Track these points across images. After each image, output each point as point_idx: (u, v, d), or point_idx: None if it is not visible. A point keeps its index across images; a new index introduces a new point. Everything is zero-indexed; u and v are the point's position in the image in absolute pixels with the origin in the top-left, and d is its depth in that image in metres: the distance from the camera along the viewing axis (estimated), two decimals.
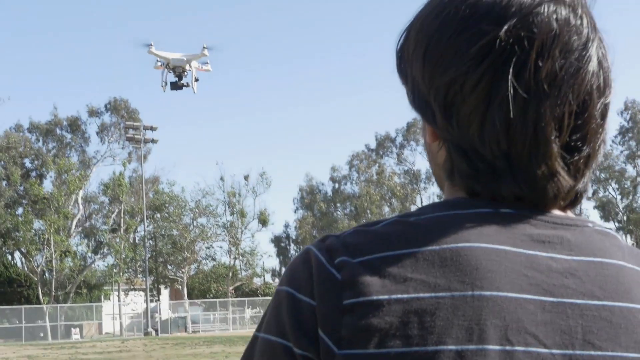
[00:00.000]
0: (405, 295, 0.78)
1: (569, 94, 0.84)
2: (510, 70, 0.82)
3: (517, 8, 0.84)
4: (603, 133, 0.88)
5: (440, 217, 0.84)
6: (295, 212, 67.45)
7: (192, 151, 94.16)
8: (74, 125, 58.15)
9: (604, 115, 0.87)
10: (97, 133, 58.39)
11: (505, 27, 0.83)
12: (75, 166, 52.98)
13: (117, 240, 51.79)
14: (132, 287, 54.76)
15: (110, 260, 52.96)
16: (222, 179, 58.38)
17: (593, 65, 0.86)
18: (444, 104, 0.86)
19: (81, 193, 53.60)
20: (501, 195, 0.85)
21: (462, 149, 0.86)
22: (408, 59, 0.91)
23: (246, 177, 59.10)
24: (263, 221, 57.99)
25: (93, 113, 58.57)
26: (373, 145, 65.29)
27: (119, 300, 53.71)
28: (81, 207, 54.05)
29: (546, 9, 0.84)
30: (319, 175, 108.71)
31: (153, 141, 53.42)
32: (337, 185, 65.88)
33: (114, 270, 51.22)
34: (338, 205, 65.19)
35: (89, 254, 55.07)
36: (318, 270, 0.81)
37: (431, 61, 0.87)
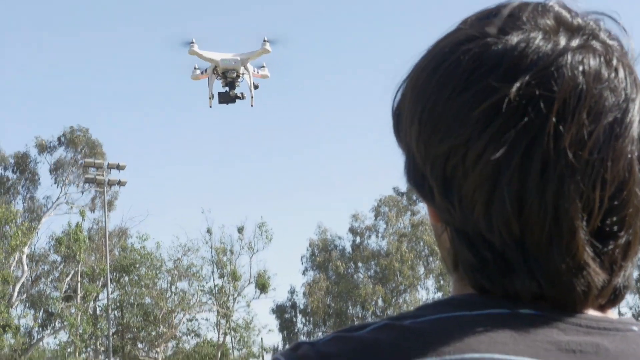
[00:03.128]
0: None
1: (600, 168, 0.84)
2: (550, 133, 0.82)
3: (532, 59, 0.85)
4: None
5: (443, 319, 0.85)
6: (303, 274, 66.54)
7: (171, 196, 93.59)
8: (22, 163, 57.82)
9: None
10: (51, 172, 58.02)
11: (517, 84, 0.84)
12: (18, 215, 52.45)
13: (73, 310, 50.86)
14: None
15: (63, 336, 52.06)
16: (209, 231, 57.56)
17: (634, 130, 0.86)
18: (442, 178, 0.88)
19: (26, 250, 52.94)
20: (516, 293, 0.86)
21: (465, 235, 0.88)
22: (402, 121, 0.94)
23: (240, 230, 58.29)
24: (262, 286, 57.07)
25: (43, 148, 58.25)
26: (403, 187, 64.59)
27: None
28: (26, 268, 53.19)
29: (569, 59, 0.85)
30: (335, 226, 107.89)
31: (120, 183, 52.87)
32: (358, 239, 65.06)
33: (68, 350, 50.18)
34: (360, 265, 64.33)
35: (36, 329, 54.10)
36: None
37: (427, 126, 0.89)
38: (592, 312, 0.88)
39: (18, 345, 49.15)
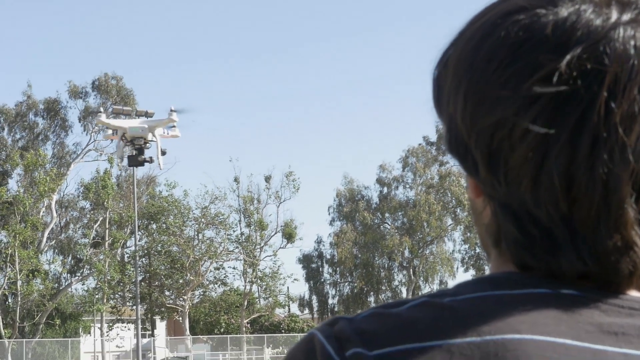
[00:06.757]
0: None
1: None
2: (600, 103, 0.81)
3: (584, 32, 0.82)
4: None
5: (483, 298, 0.83)
6: (330, 224, 66.00)
7: (199, 144, 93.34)
8: (52, 109, 57.43)
9: None
10: (79, 119, 57.66)
11: (568, 57, 0.82)
12: (47, 160, 52.12)
13: (101, 257, 50.70)
14: (118, 317, 53.94)
15: (91, 282, 51.99)
16: (236, 180, 57.16)
17: None
18: (487, 152, 0.86)
19: (55, 197, 52.72)
20: (561, 271, 0.84)
21: (510, 210, 0.86)
22: (445, 91, 0.91)
23: (267, 179, 57.89)
24: (288, 235, 56.72)
25: (75, 94, 57.76)
26: (433, 137, 63.69)
27: (102, 335, 52.80)
28: (55, 214, 53.13)
29: (622, 33, 0.82)
30: (362, 176, 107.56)
31: None
32: (385, 190, 64.34)
33: (96, 296, 50.11)
34: (387, 215, 63.71)
35: (64, 275, 54.31)
36: None
37: (473, 97, 0.86)
38: (634, 293, 0.85)
39: (47, 291, 49.15)
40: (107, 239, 52.10)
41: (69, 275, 54.62)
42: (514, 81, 0.83)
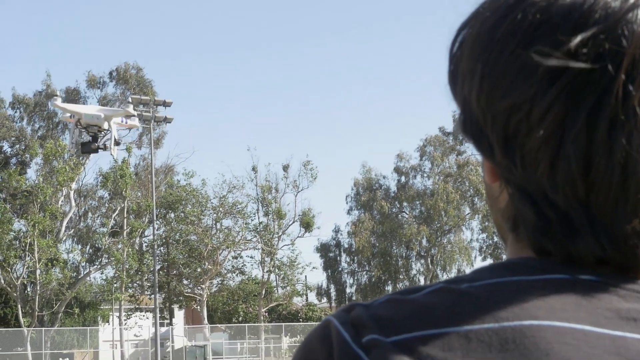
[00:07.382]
0: None
1: None
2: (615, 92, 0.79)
3: (601, 14, 0.81)
4: None
5: (501, 284, 0.82)
6: (348, 213, 65.90)
7: (217, 133, 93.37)
8: (72, 98, 57.55)
9: None
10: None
11: (583, 37, 0.81)
12: (66, 150, 52.21)
13: (119, 246, 50.63)
14: (137, 306, 54.17)
15: (109, 271, 51.99)
16: (254, 169, 56.99)
17: None
18: (503, 135, 0.85)
19: (74, 186, 52.73)
20: (578, 256, 0.83)
21: (527, 194, 0.84)
22: (460, 74, 0.90)
23: (285, 168, 57.74)
24: (306, 224, 56.53)
25: (94, 83, 57.82)
26: (449, 128, 63.35)
27: (120, 324, 52.77)
28: (74, 203, 53.08)
29: (639, 15, 0.81)
30: (380, 165, 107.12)
31: (166, 120, 52.28)
32: (403, 179, 64.15)
33: (114, 285, 50.10)
34: (404, 204, 63.48)
35: (83, 264, 54.35)
36: (340, 350, 0.80)
37: (489, 81, 0.85)
38: None
39: (65, 280, 49.21)
40: (125, 228, 52.04)
41: (87, 264, 54.73)
42: (530, 63, 0.82)
